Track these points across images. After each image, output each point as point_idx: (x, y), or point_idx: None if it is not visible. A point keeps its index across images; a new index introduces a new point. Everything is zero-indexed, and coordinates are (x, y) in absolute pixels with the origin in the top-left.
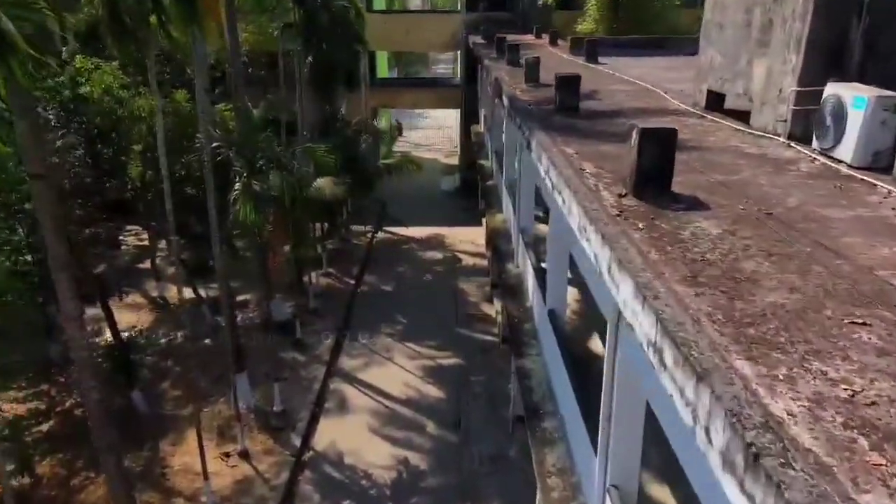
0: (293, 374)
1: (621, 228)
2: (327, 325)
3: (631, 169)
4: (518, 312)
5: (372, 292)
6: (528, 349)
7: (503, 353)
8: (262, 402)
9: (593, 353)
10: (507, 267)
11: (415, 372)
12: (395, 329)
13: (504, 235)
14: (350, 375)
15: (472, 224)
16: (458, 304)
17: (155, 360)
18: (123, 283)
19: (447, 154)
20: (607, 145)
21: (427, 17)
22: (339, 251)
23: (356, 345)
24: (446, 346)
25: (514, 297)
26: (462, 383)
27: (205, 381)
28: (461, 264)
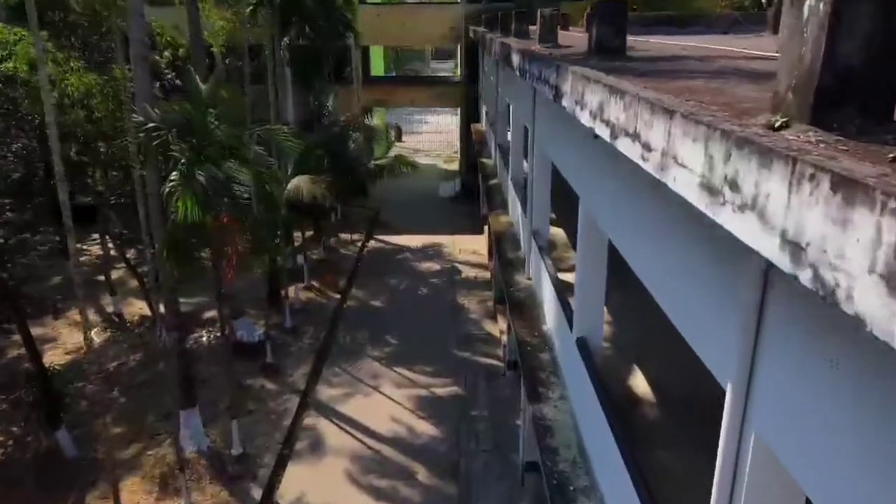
0: (260, 406)
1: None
2: (305, 346)
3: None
4: (531, 338)
5: (359, 308)
6: (547, 390)
7: (510, 382)
8: (218, 442)
9: (643, 400)
10: (515, 278)
11: (405, 404)
12: (384, 351)
13: (511, 240)
14: (328, 408)
15: (473, 232)
16: (458, 323)
17: (98, 390)
18: (68, 298)
19: (447, 159)
20: (697, 81)
21: (424, 10)
22: (324, 261)
23: (337, 370)
24: (443, 371)
25: (524, 317)
26: (461, 419)
27: (154, 415)
28: (461, 276)
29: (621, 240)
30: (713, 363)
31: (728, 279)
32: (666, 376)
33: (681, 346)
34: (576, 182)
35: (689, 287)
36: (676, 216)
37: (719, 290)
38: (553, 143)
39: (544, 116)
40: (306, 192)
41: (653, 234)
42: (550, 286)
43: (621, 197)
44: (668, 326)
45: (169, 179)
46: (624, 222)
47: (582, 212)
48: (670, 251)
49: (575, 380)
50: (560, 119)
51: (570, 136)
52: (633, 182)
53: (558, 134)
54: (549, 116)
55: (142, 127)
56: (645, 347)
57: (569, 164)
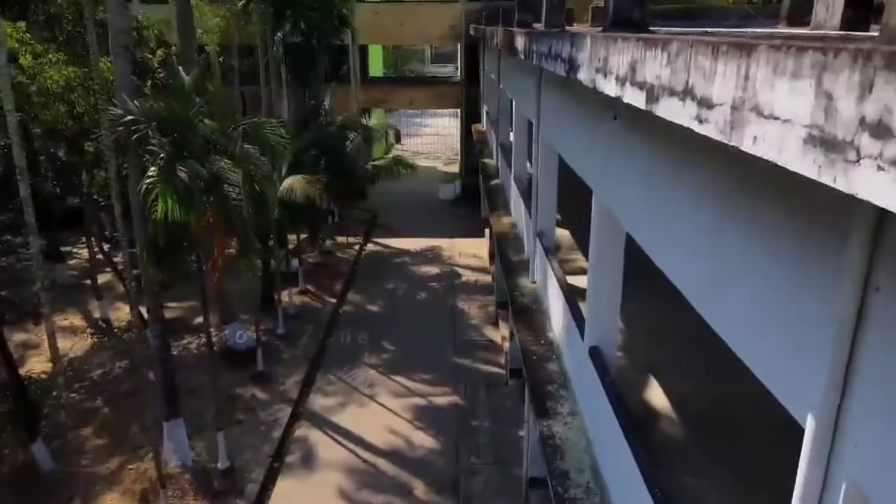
0: (249, 416)
1: None
2: (298, 353)
3: None
4: (537, 346)
5: (356, 313)
6: (556, 405)
7: (512, 391)
8: (204, 456)
9: (662, 416)
10: (518, 282)
11: (402, 414)
12: (381, 359)
13: (514, 242)
14: (321, 418)
15: (474, 235)
16: (457, 329)
17: (81, 399)
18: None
19: (447, 162)
20: None
21: (423, 8)
22: (320, 265)
23: (332, 378)
24: (442, 380)
25: (529, 324)
26: (461, 430)
27: (138, 426)
28: (461, 280)
29: (649, 238)
30: (784, 389)
31: (811, 282)
32: (687, 389)
33: (703, 355)
34: (588, 174)
35: (750, 294)
36: (735, 202)
37: (797, 297)
38: (561, 134)
39: (551, 107)
40: (300, 192)
41: (696, 229)
42: (558, 290)
43: (650, 185)
44: (686, 333)
45: (147, 175)
46: (653, 216)
47: (596, 208)
48: (723, 249)
49: (587, 393)
50: (569, 106)
51: (581, 123)
52: (667, 164)
53: (567, 123)
54: (556, 106)
55: (119, 120)
56: (659, 356)
57: (579, 156)
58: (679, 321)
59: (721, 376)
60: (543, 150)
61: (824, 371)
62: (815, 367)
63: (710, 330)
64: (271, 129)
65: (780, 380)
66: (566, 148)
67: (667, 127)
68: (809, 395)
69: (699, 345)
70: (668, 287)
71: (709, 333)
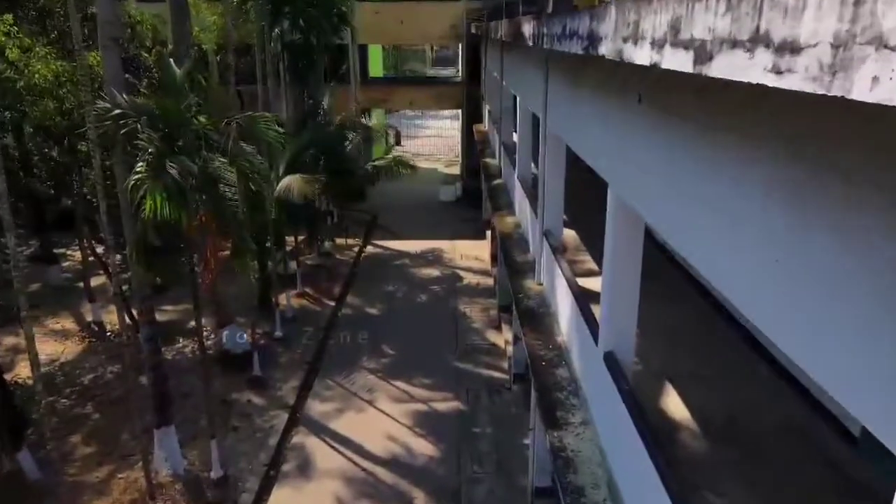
0: (245, 423)
1: None
2: (296, 357)
3: None
4: (545, 351)
5: (355, 316)
6: (566, 414)
7: (516, 397)
8: (196, 464)
9: (683, 428)
10: (524, 284)
11: (402, 420)
12: (381, 363)
13: (518, 242)
14: (319, 424)
15: (475, 237)
16: (459, 332)
17: (70, 405)
18: (44, 305)
19: (447, 163)
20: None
21: (424, 7)
22: (319, 267)
23: (330, 383)
24: (444, 385)
25: (536, 328)
26: (463, 437)
27: (129, 433)
28: (462, 283)
29: (677, 231)
30: (871, 414)
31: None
32: (706, 397)
33: (720, 360)
34: (604, 166)
35: (816, 294)
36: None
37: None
38: (572, 126)
39: (560, 98)
40: (297, 191)
41: (742, 219)
42: (567, 292)
43: (682, 171)
44: (701, 336)
45: (134, 171)
46: (686, 207)
47: (612, 202)
48: (774, 238)
49: (602, 402)
50: (582, 95)
51: (596, 112)
52: (706, 145)
53: (579, 114)
54: (566, 97)
55: (107, 114)
56: (673, 361)
57: (593, 147)
58: (691, 324)
59: (741, 383)
60: (551, 144)
61: None
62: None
63: (726, 333)
64: (266, 125)
65: (852, 389)
66: (577, 140)
67: (709, 101)
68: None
69: (715, 349)
70: (678, 287)
71: (725, 337)
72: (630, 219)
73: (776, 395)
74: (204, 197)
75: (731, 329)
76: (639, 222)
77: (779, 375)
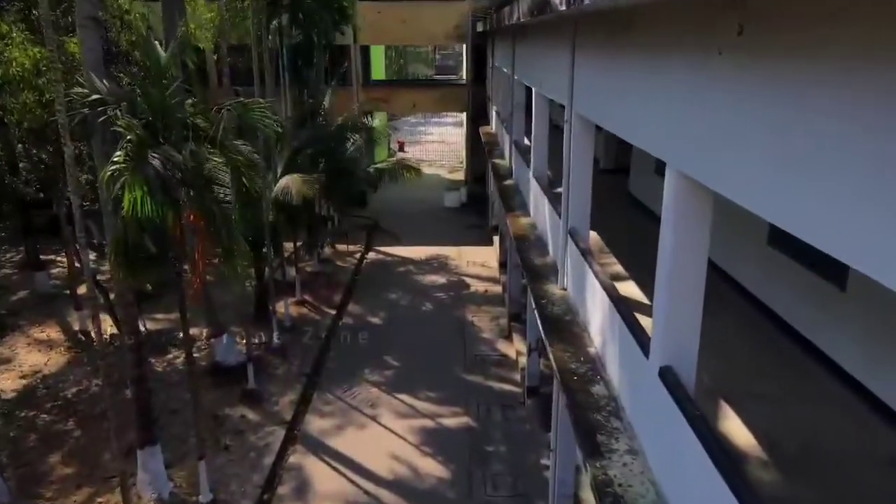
0: (238, 441)
1: None
2: (293, 369)
3: None
4: (576, 364)
5: (356, 325)
6: (608, 440)
7: (531, 412)
8: (184, 487)
9: (752, 458)
10: (546, 289)
11: (407, 437)
12: (384, 375)
13: (536, 244)
14: (318, 442)
15: (482, 243)
16: (467, 342)
17: (51, 420)
18: (36, 313)
19: (451, 170)
20: None
21: (428, 6)
22: (319, 274)
23: (330, 397)
24: (451, 398)
25: (564, 337)
26: (474, 456)
27: (112, 451)
28: (469, 291)
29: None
30: None
31: None
32: (772, 419)
33: (781, 376)
34: (661, 142)
35: None
36: None
37: None
38: (609, 103)
39: (592, 76)
40: (296, 191)
41: None
42: (603, 298)
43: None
44: (756, 347)
45: (111, 161)
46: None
47: (672, 184)
48: None
49: (656, 427)
50: (626, 63)
51: (649, 76)
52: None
53: (619, 87)
54: (600, 73)
55: (83, 100)
56: (727, 377)
57: (644, 121)
58: (741, 334)
59: (811, 404)
60: (577, 131)
61: None
62: None
63: (781, 344)
64: (260, 113)
65: None
66: (618, 117)
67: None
68: None
69: (773, 363)
70: (721, 294)
71: (781, 348)
72: (696, 204)
73: (854, 417)
74: (191, 193)
75: (788, 340)
76: (706, 207)
77: (855, 394)
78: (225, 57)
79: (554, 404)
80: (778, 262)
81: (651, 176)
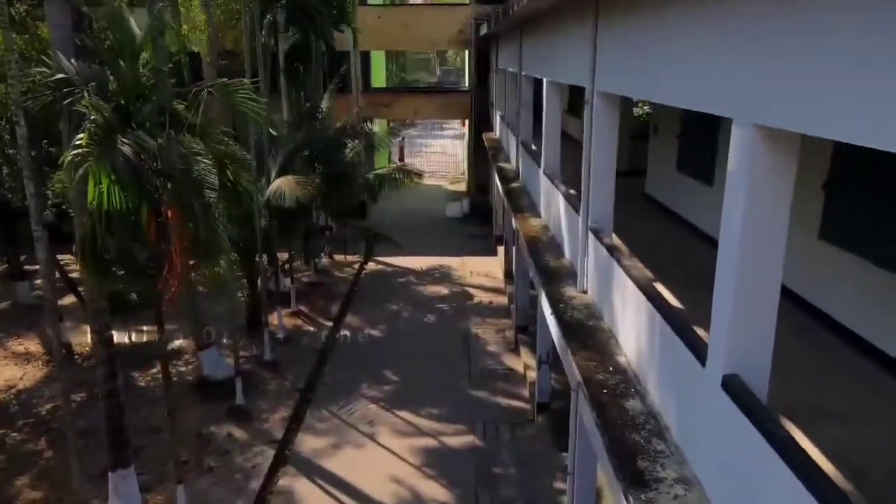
0: (222, 462)
1: None
2: (286, 384)
3: None
4: (604, 375)
5: (354, 338)
6: (653, 465)
7: (541, 430)
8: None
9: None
10: (563, 293)
11: (408, 458)
12: (383, 390)
13: (549, 246)
14: (310, 463)
15: (485, 253)
16: (471, 356)
17: (22, 439)
18: (15, 325)
19: (453, 181)
20: None
21: (429, 11)
22: (316, 284)
23: (324, 414)
24: (455, 415)
25: (587, 344)
26: (481, 479)
27: (85, 474)
28: (473, 302)
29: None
30: None
31: None
32: (853, 443)
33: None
34: (727, 96)
35: None
36: None
37: None
38: (646, 69)
39: (620, 46)
40: (289, 193)
41: None
42: (639, 298)
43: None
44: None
45: (72, 145)
46: None
47: (741, 145)
48: None
49: (718, 451)
50: (675, 20)
51: (703, 26)
52: None
53: (660, 49)
54: (632, 39)
55: (45, 80)
56: (788, 392)
57: (700, 77)
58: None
59: (886, 422)
60: (601, 112)
61: None
62: None
63: (843, 355)
64: (244, 94)
65: None
66: (663, 81)
67: None
68: None
69: (839, 377)
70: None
71: (843, 359)
72: (777, 166)
73: None
74: (169, 185)
75: (852, 349)
76: (789, 171)
77: None
78: (217, 60)
79: (571, 422)
80: (833, 259)
81: (672, 174)
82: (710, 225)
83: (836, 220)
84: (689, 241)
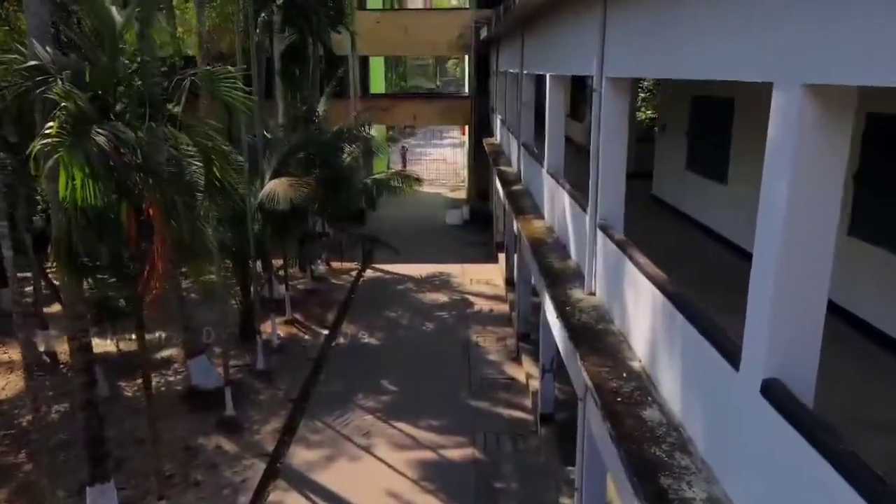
0: (210, 475)
1: None
2: (279, 394)
3: None
4: (617, 381)
5: (351, 346)
6: (679, 483)
7: (545, 442)
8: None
9: None
10: (570, 294)
11: (405, 471)
12: (380, 401)
13: (554, 247)
14: (303, 477)
15: (486, 261)
16: (471, 365)
17: (1, 452)
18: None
19: (453, 188)
20: None
21: (429, 16)
22: (312, 292)
23: (318, 425)
24: (455, 427)
25: (597, 349)
26: (482, 493)
27: (65, 489)
28: (473, 310)
29: None
30: None
31: None
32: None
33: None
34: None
35: None
36: None
37: None
38: (665, 46)
39: (634, 28)
40: (282, 195)
41: None
42: (656, 298)
43: None
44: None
45: (42, 133)
46: None
47: (781, 120)
48: None
49: (757, 467)
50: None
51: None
52: None
53: (681, 28)
54: (647, 18)
55: (16, 67)
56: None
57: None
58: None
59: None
60: (610, 99)
61: None
62: None
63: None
64: (229, 83)
65: None
66: (689, 52)
67: None
68: None
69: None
70: None
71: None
72: (829, 137)
73: None
74: (150, 181)
75: (891, 356)
76: (843, 143)
77: None
78: (211, 63)
79: (579, 434)
80: (865, 256)
81: (681, 174)
82: (724, 224)
83: (869, 214)
84: (701, 241)
